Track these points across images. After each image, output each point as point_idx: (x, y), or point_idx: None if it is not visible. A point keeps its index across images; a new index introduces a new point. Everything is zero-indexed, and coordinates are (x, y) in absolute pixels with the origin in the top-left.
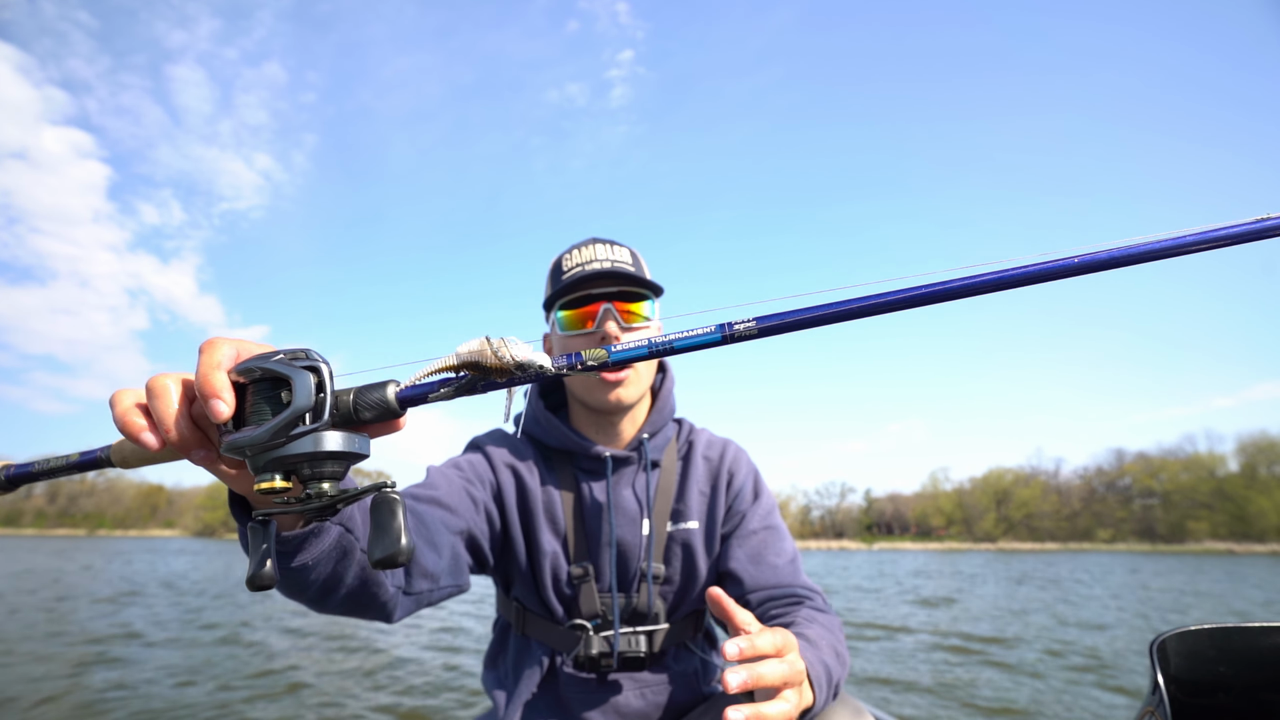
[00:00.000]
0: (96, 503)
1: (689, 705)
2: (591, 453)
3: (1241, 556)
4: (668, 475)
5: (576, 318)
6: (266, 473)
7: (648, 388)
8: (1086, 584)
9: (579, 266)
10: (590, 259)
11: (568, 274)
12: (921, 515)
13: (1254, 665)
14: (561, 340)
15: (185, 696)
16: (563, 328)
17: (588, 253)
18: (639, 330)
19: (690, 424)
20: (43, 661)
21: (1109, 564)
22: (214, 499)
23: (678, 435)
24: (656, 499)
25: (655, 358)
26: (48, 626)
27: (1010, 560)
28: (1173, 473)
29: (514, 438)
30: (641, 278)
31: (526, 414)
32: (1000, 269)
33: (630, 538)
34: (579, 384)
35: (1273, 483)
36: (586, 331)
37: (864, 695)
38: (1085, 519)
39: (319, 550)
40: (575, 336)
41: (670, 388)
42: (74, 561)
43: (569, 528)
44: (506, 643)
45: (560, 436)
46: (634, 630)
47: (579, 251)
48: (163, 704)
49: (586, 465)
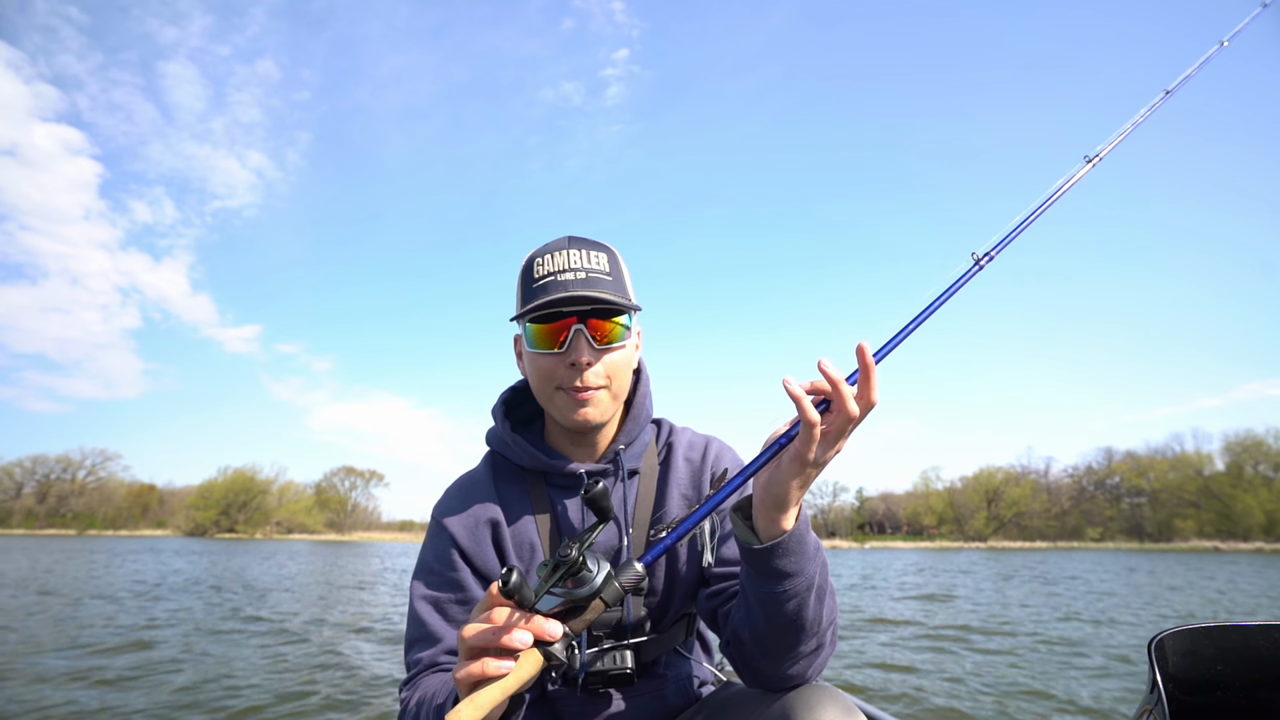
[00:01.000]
0: (86, 502)
1: (681, 709)
2: (565, 470)
3: (1227, 554)
4: (646, 482)
5: (546, 334)
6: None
7: (620, 402)
8: (1084, 582)
9: (550, 275)
10: (563, 267)
11: (539, 281)
12: (913, 514)
13: (1252, 664)
14: (530, 356)
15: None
16: (531, 343)
17: (560, 259)
18: (614, 350)
19: (670, 424)
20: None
21: (1100, 561)
22: (205, 498)
23: (656, 438)
24: (636, 508)
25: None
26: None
27: (1000, 558)
28: (1160, 472)
29: (478, 479)
30: (612, 301)
31: (495, 435)
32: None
33: (610, 552)
34: (547, 402)
35: (1258, 481)
36: (556, 351)
37: (857, 692)
38: (1074, 518)
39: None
40: (544, 355)
41: (646, 390)
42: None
43: (546, 551)
44: None
45: (530, 457)
46: (618, 645)
47: (551, 257)
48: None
49: (560, 482)
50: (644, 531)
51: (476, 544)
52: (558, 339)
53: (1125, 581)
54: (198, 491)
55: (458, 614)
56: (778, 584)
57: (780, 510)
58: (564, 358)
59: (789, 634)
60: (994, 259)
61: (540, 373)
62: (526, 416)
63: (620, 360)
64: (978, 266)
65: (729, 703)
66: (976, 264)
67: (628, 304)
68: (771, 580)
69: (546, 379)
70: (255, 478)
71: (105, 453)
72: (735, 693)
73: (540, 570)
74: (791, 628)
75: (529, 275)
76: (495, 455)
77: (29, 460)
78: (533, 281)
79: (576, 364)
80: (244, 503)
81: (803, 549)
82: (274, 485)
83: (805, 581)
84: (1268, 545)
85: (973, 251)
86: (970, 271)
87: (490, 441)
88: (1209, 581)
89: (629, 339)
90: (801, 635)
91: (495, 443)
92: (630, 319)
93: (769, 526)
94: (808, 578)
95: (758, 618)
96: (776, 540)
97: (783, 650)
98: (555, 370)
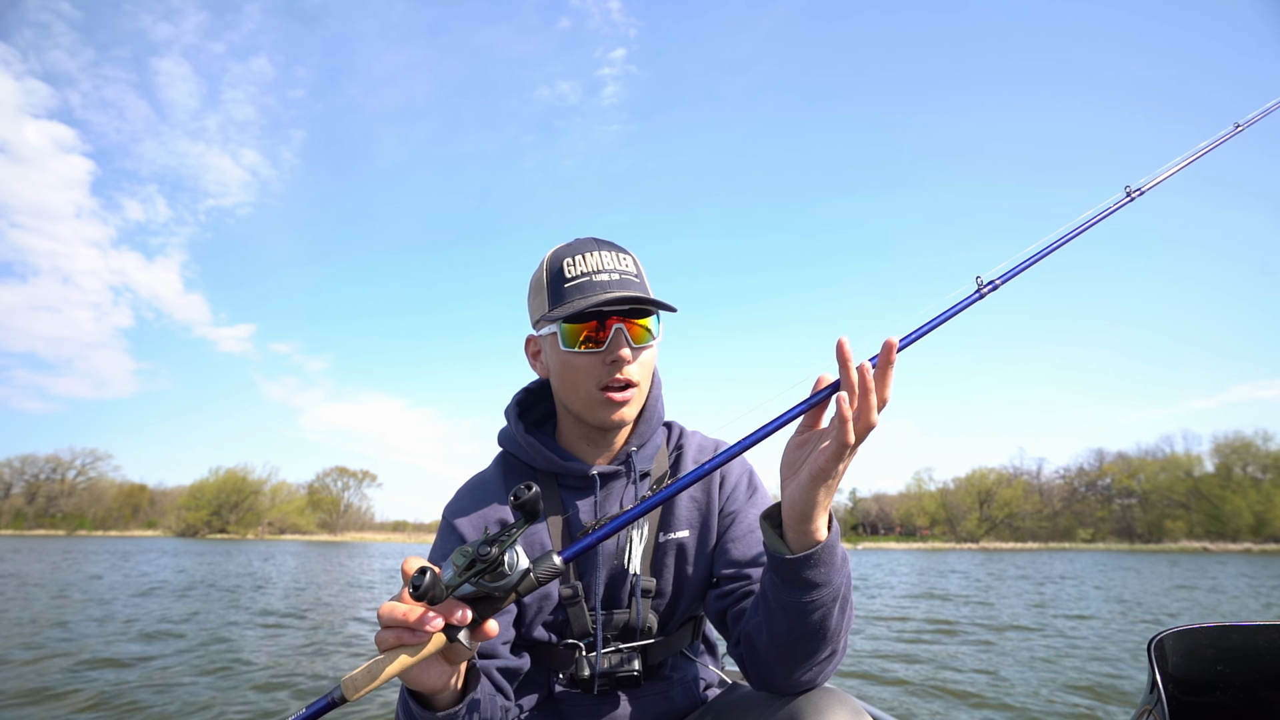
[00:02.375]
0: (76, 503)
1: (687, 711)
2: (577, 471)
3: (1216, 555)
4: (657, 485)
5: (583, 334)
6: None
7: (644, 401)
8: (1075, 581)
9: (585, 276)
10: (598, 268)
11: (573, 282)
12: (906, 515)
13: (1252, 664)
14: (564, 356)
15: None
16: (566, 343)
17: (594, 260)
18: (646, 350)
19: (681, 427)
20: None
21: (1093, 562)
22: (196, 499)
23: (668, 441)
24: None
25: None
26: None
27: (993, 559)
28: (1151, 473)
29: (489, 480)
30: (656, 301)
31: (507, 436)
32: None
33: (619, 554)
34: (581, 401)
35: (1247, 483)
36: (595, 351)
37: (857, 691)
38: (1066, 518)
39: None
40: (583, 354)
41: (658, 393)
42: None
43: (557, 551)
44: None
45: (543, 458)
46: (626, 647)
47: (583, 258)
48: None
49: (573, 483)
50: (653, 534)
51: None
52: (598, 338)
53: (1114, 581)
54: (189, 492)
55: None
56: (805, 594)
57: (809, 522)
58: (604, 356)
59: (809, 643)
60: (998, 288)
61: (578, 372)
62: (539, 418)
63: (650, 360)
64: (979, 295)
65: (736, 705)
66: (979, 292)
67: (668, 306)
68: (799, 590)
69: (586, 378)
70: (247, 478)
71: (95, 453)
72: (742, 695)
73: (457, 559)
74: (812, 637)
75: (559, 275)
76: (507, 456)
77: (18, 460)
78: (565, 281)
79: (618, 361)
80: (236, 503)
81: (833, 559)
82: (266, 486)
83: (832, 593)
84: (1256, 546)
85: (978, 277)
86: (971, 298)
87: (503, 442)
88: (1210, 581)
89: (658, 340)
90: (821, 644)
91: (508, 443)
92: (658, 321)
93: (801, 537)
94: (835, 588)
95: (779, 626)
96: (809, 551)
97: (800, 658)
98: (595, 369)
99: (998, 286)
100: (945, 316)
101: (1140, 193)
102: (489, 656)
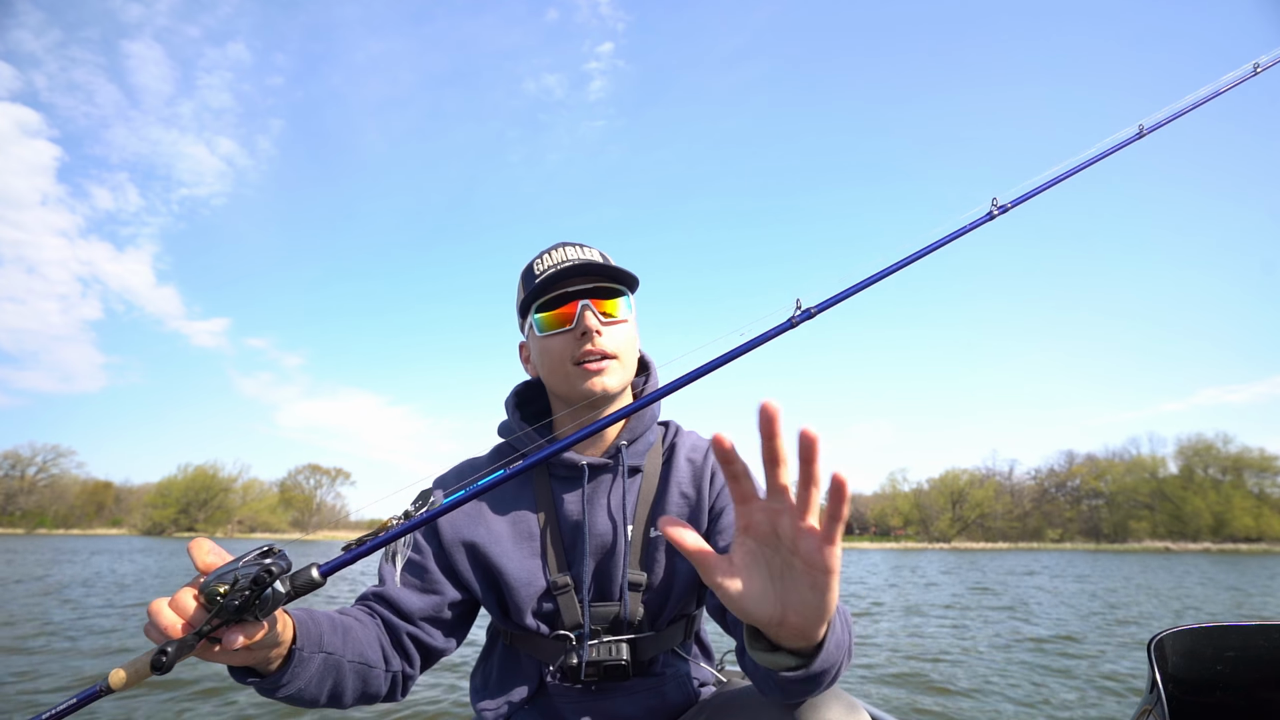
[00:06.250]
0: (37, 500)
1: (681, 708)
2: (567, 461)
3: (1177, 554)
4: (649, 480)
5: (555, 318)
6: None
7: (630, 379)
8: (1047, 579)
9: (552, 268)
10: (562, 260)
11: (541, 275)
12: (880, 515)
13: (1252, 663)
14: (541, 342)
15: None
16: (541, 330)
17: (558, 255)
18: (618, 324)
19: (677, 426)
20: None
21: (1059, 562)
22: (164, 496)
23: (663, 439)
24: (637, 505)
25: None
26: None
27: (964, 558)
28: (1117, 474)
29: (479, 467)
30: (616, 268)
31: (505, 428)
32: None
33: (607, 547)
34: (560, 379)
35: (1207, 484)
36: (565, 330)
37: (858, 691)
38: (1035, 519)
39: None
40: (554, 336)
41: (654, 392)
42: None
43: (547, 541)
44: (494, 653)
45: (536, 447)
46: (615, 639)
47: (549, 255)
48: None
49: (563, 474)
50: (643, 529)
51: (469, 532)
52: (566, 320)
53: (1096, 582)
54: (156, 489)
55: (412, 579)
56: (818, 686)
57: (820, 625)
58: (574, 332)
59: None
60: (1009, 211)
61: (554, 354)
62: (534, 414)
63: (625, 335)
64: (989, 217)
65: (732, 702)
66: (989, 215)
67: (627, 272)
68: (811, 687)
69: (561, 357)
70: (217, 475)
71: (58, 449)
72: (738, 693)
73: (206, 592)
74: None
75: (530, 274)
76: (504, 447)
77: None
78: (535, 277)
79: (587, 333)
80: (205, 501)
81: (841, 631)
82: (237, 483)
83: (834, 672)
84: (1214, 546)
85: (993, 197)
86: (982, 219)
87: (501, 433)
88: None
89: (631, 316)
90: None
91: (505, 433)
92: (630, 301)
93: (805, 641)
94: (836, 664)
95: (773, 693)
96: (821, 653)
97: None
98: (567, 347)
99: (1008, 209)
100: (958, 233)
101: (1152, 129)
102: (405, 619)
